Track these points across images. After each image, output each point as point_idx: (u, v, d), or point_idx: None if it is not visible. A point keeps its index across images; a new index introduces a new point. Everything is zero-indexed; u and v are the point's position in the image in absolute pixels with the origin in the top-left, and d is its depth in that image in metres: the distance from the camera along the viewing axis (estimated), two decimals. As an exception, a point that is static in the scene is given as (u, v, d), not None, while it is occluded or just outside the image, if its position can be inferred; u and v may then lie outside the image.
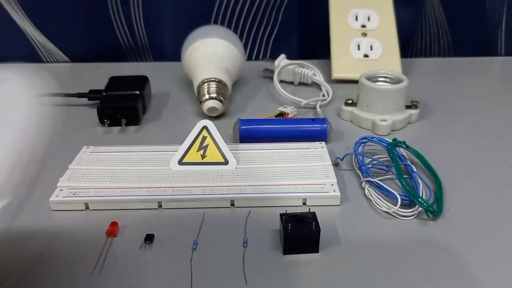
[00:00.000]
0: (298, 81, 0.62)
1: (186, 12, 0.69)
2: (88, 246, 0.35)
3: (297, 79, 0.62)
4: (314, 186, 0.40)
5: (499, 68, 0.71)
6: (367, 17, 0.65)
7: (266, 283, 0.31)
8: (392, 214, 0.38)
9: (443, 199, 0.39)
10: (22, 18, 0.68)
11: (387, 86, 0.51)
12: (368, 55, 0.63)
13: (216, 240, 0.35)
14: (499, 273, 0.32)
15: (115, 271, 0.32)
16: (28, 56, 0.72)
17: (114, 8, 0.70)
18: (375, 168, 0.43)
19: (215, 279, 0.32)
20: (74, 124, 0.53)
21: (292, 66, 0.61)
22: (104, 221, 0.36)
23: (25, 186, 0.25)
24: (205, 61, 0.56)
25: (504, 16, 0.73)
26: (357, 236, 0.36)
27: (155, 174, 0.41)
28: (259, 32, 0.72)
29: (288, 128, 0.48)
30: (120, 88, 0.55)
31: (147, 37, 0.73)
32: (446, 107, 0.56)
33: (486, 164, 0.45)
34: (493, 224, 0.37)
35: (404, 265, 0.33)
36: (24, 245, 0.35)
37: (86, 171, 0.42)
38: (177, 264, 0.33)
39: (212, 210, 0.38)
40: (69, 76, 0.69)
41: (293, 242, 0.33)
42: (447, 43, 0.76)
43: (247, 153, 0.44)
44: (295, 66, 0.61)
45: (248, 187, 0.40)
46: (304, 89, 0.62)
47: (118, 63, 0.72)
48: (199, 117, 0.53)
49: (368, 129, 0.51)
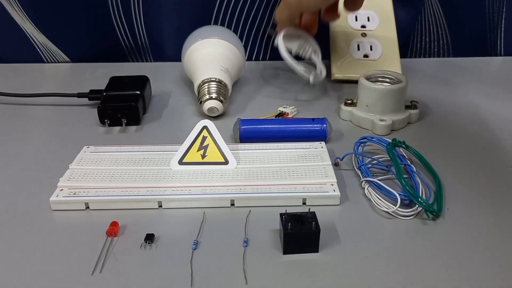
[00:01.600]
0: (297, 53, 0.58)
1: (186, 12, 0.69)
2: (88, 246, 0.35)
3: (298, 51, 0.58)
4: (314, 186, 0.40)
5: (498, 68, 0.71)
6: (367, 18, 0.65)
7: (266, 283, 0.32)
8: (392, 214, 0.38)
9: (443, 199, 0.39)
10: (22, 18, 0.68)
11: (386, 86, 0.51)
12: (368, 55, 0.64)
13: (216, 240, 0.35)
14: (499, 273, 0.32)
15: (115, 271, 0.32)
16: (28, 56, 0.72)
17: (114, 8, 0.70)
18: (375, 168, 0.43)
19: (215, 278, 0.32)
20: (74, 124, 0.53)
21: (298, 39, 0.58)
22: (104, 221, 0.37)
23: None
24: (205, 61, 0.56)
25: (503, 16, 0.73)
26: (357, 235, 0.36)
27: (155, 174, 0.41)
28: (259, 32, 0.72)
29: (288, 128, 0.48)
30: (120, 88, 0.55)
31: (148, 37, 0.73)
32: (445, 107, 0.56)
33: (486, 164, 0.45)
34: (493, 224, 0.37)
35: (404, 265, 0.33)
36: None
37: (87, 171, 0.42)
38: (177, 264, 0.33)
39: (212, 209, 0.39)
40: (69, 76, 0.69)
41: (293, 242, 0.33)
42: (446, 43, 0.76)
43: (247, 153, 0.44)
44: (301, 39, 0.58)
45: (248, 187, 0.40)
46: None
47: (119, 63, 0.73)
48: (199, 117, 0.53)
49: (368, 129, 0.51)
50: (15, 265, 0.33)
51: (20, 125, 0.53)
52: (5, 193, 0.41)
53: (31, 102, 0.58)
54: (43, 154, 0.47)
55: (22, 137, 0.51)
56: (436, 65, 0.72)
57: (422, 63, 0.72)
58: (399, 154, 0.44)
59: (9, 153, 0.47)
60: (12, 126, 0.53)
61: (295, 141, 0.46)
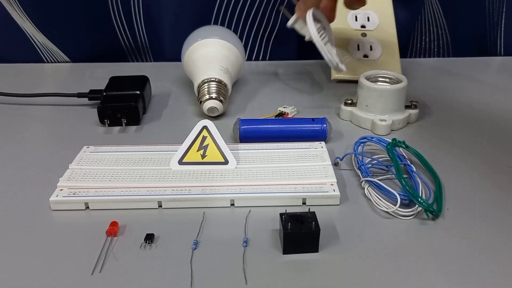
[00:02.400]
0: (309, 39, 0.54)
1: (186, 12, 0.69)
2: (88, 246, 0.35)
3: (310, 37, 0.54)
4: (313, 185, 0.40)
5: (498, 68, 0.71)
6: (366, 18, 0.65)
7: (266, 283, 0.32)
8: (392, 214, 0.38)
9: (443, 199, 0.39)
10: (22, 18, 0.68)
11: (386, 86, 0.51)
12: (368, 55, 0.64)
13: (216, 240, 0.35)
14: (499, 273, 0.32)
15: (115, 271, 0.32)
16: (28, 56, 0.72)
17: (114, 8, 0.70)
18: (375, 168, 0.43)
19: (215, 278, 0.32)
20: (74, 124, 0.53)
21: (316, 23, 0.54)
22: (104, 220, 0.37)
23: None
24: (205, 61, 0.56)
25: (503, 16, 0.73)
26: (357, 235, 0.36)
27: (155, 174, 0.41)
28: (259, 32, 0.72)
29: (288, 128, 0.48)
30: (120, 88, 0.55)
31: (147, 37, 0.73)
32: (445, 107, 0.56)
33: (486, 164, 0.45)
34: (493, 224, 0.37)
35: (403, 265, 0.33)
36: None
37: (86, 171, 0.42)
38: (177, 263, 0.33)
39: (212, 209, 0.39)
40: (69, 76, 0.69)
41: (293, 242, 0.33)
42: (446, 43, 0.76)
43: (247, 153, 0.44)
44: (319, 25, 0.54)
45: (248, 187, 0.40)
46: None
47: (119, 63, 0.73)
48: (199, 117, 0.53)
49: (368, 129, 0.51)
50: (15, 265, 0.33)
51: (20, 125, 0.53)
52: (5, 193, 0.41)
53: (31, 102, 0.58)
54: (43, 154, 0.47)
55: (22, 137, 0.51)
56: (436, 65, 0.72)
57: (422, 63, 0.72)
58: (399, 154, 0.44)
59: (9, 153, 0.47)
60: (12, 126, 0.53)
61: (295, 141, 0.46)
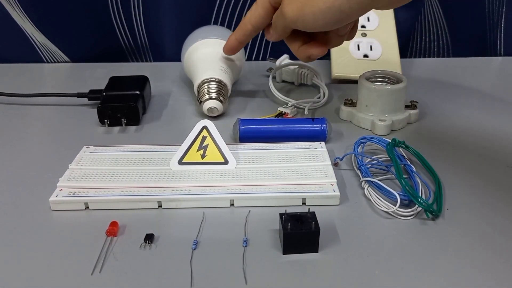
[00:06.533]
0: (299, 82, 0.62)
1: (186, 12, 0.69)
2: (87, 246, 0.35)
3: (298, 80, 0.62)
4: (313, 186, 0.40)
5: (498, 68, 0.71)
6: (366, 18, 0.65)
7: (266, 283, 0.32)
8: (392, 214, 0.38)
9: (443, 199, 0.39)
10: (22, 18, 0.68)
11: (386, 86, 0.51)
12: (368, 55, 0.64)
13: (216, 240, 0.35)
14: (499, 273, 0.32)
15: (115, 271, 0.32)
16: (28, 56, 0.72)
17: (114, 8, 0.70)
18: (375, 168, 0.43)
19: (215, 278, 0.32)
20: (74, 124, 0.53)
21: (293, 67, 0.62)
22: (104, 221, 0.37)
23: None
24: (205, 61, 0.56)
25: (503, 17, 0.73)
26: (357, 236, 0.36)
27: (155, 174, 0.41)
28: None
29: (288, 128, 0.48)
30: (120, 88, 0.55)
31: (147, 37, 0.73)
32: (445, 107, 0.56)
33: (486, 164, 0.45)
34: (492, 224, 0.37)
35: (403, 265, 0.33)
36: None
37: (86, 171, 0.42)
38: (177, 264, 0.33)
39: (212, 209, 0.39)
40: (69, 76, 0.69)
41: (293, 242, 0.33)
42: (446, 43, 0.76)
43: (247, 153, 0.44)
44: (296, 67, 0.61)
45: (248, 187, 0.40)
46: (304, 89, 0.62)
47: (118, 63, 0.72)
48: (199, 117, 0.53)
49: (368, 129, 0.51)
50: (15, 265, 0.33)
51: (20, 125, 0.53)
52: (5, 193, 0.41)
53: (31, 102, 0.58)
54: (43, 154, 0.47)
55: (22, 137, 0.51)
56: (436, 65, 0.72)
57: (422, 63, 0.72)
58: (398, 154, 0.44)
59: (9, 153, 0.47)
60: (12, 126, 0.53)
61: (295, 141, 0.46)
